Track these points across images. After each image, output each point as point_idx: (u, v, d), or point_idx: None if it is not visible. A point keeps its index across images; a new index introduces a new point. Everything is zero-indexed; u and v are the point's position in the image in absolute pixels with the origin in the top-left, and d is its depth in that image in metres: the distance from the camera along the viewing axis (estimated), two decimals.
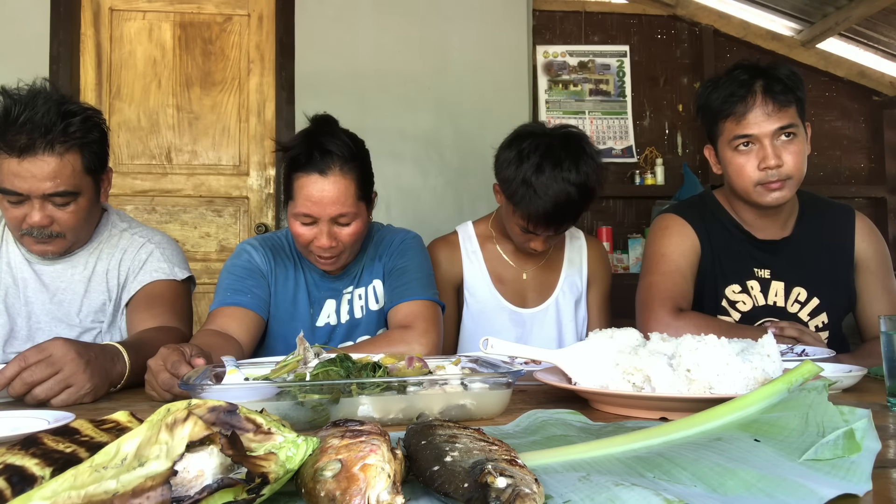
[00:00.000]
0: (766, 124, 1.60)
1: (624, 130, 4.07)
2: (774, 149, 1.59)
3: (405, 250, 1.73)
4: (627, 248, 3.90)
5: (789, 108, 1.61)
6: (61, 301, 1.63)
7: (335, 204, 1.54)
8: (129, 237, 1.70)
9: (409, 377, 0.97)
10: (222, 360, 1.08)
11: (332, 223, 1.56)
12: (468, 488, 0.52)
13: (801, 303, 1.72)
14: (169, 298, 1.64)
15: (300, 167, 1.56)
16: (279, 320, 1.68)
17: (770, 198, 1.63)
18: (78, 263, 1.65)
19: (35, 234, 1.52)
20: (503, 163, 1.77)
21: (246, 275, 1.65)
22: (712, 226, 1.78)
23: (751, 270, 1.74)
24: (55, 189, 1.47)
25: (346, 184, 1.55)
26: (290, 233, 1.76)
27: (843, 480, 0.59)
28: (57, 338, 1.17)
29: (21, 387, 1.10)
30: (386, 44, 3.54)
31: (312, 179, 1.54)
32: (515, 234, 1.85)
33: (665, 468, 0.61)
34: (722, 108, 1.65)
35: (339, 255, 1.62)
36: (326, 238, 1.56)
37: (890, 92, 4.26)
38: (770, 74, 1.62)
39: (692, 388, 0.96)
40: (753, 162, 1.62)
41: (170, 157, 3.46)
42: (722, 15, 4.14)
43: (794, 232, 1.75)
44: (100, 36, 3.41)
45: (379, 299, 1.73)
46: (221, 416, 0.54)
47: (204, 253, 3.45)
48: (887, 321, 1.02)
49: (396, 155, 3.50)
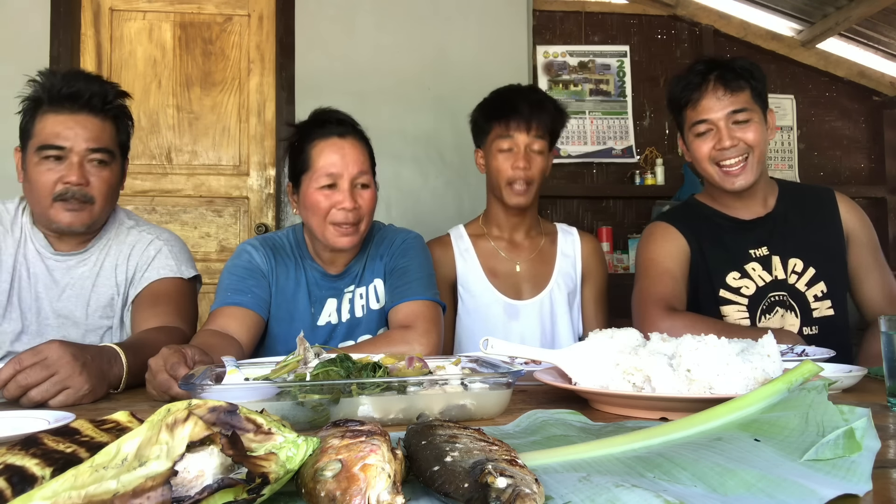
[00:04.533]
0: (719, 108, 1.71)
1: (624, 130, 4.07)
2: (729, 130, 1.71)
3: (407, 250, 1.73)
4: (627, 249, 3.90)
5: (741, 94, 1.72)
6: (69, 297, 1.63)
7: (356, 163, 1.60)
8: (136, 234, 1.71)
9: (410, 377, 0.97)
10: (222, 360, 1.08)
11: (353, 186, 1.59)
12: (468, 488, 0.52)
13: (798, 273, 1.77)
14: (174, 297, 1.64)
15: (317, 136, 1.62)
16: (279, 320, 1.68)
17: (734, 184, 1.73)
18: (88, 259, 1.65)
19: (69, 197, 1.54)
20: (471, 118, 2.03)
21: (246, 275, 1.65)
22: (699, 224, 1.84)
23: (746, 254, 1.79)
24: (97, 145, 1.56)
25: (362, 148, 1.64)
26: (292, 232, 1.77)
27: (843, 480, 0.59)
28: (53, 340, 1.17)
29: (16, 389, 1.10)
30: (386, 44, 3.54)
31: (332, 142, 1.60)
32: (499, 170, 1.92)
33: (665, 468, 0.61)
34: (681, 96, 1.78)
35: (357, 224, 1.62)
36: (350, 199, 1.57)
37: (890, 92, 4.26)
38: (723, 64, 1.76)
39: (692, 388, 0.96)
40: (710, 144, 1.73)
41: (170, 157, 3.46)
42: (722, 15, 4.14)
43: (777, 208, 1.82)
44: (100, 36, 3.41)
45: (380, 298, 1.73)
46: (222, 417, 0.54)
47: (204, 253, 3.45)
48: (887, 321, 1.02)
49: (396, 155, 3.50)
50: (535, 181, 1.93)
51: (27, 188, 1.59)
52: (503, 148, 1.91)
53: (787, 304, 1.75)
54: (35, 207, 1.60)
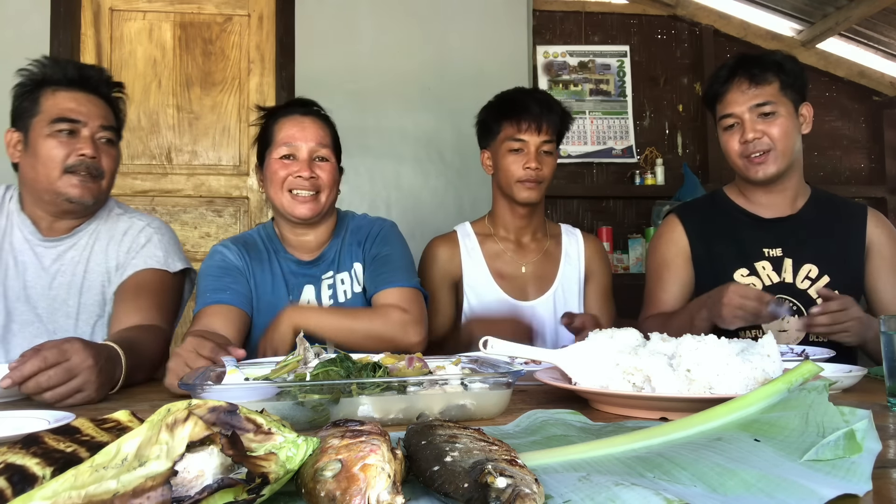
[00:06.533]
0: (743, 101, 1.73)
1: (624, 130, 4.07)
2: (753, 123, 1.72)
3: (386, 237, 1.76)
4: (627, 249, 3.89)
5: (766, 86, 1.72)
6: (61, 285, 1.62)
7: (315, 138, 1.68)
8: (128, 220, 1.71)
9: (409, 377, 0.97)
10: (222, 360, 1.08)
11: (311, 158, 1.67)
12: (468, 488, 0.52)
13: (811, 279, 1.77)
14: (157, 291, 1.63)
15: (281, 114, 1.72)
16: (262, 312, 1.68)
17: (757, 173, 1.74)
18: (77, 244, 1.64)
19: (82, 170, 1.56)
20: (478, 119, 2.04)
21: (222, 273, 1.66)
22: (715, 218, 1.87)
23: (759, 252, 1.79)
24: (107, 123, 1.62)
25: (322, 126, 1.72)
26: (262, 229, 1.80)
27: (844, 480, 0.59)
28: (75, 340, 1.16)
29: (34, 388, 1.10)
30: (386, 44, 3.54)
31: (293, 118, 1.70)
32: (509, 170, 1.92)
33: (665, 468, 0.61)
34: (710, 91, 1.82)
35: (317, 193, 1.67)
36: (307, 168, 1.65)
37: (890, 92, 4.25)
38: (751, 58, 1.76)
39: (692, 388, 0.96)
40: (736, 137, 1.75)
41: (170, 157, 3.46)
42: (722, 15, 4.14)
43: (804, 211, 1.82)
44: (100, 36, 3.41)
45: (360, 282, 1.74)
46: (222, 417, 0.54)
47: (204, 253, 3.44)
48: (887, 321, 1.02)
49: (396, 155, 3.50)
50: (546, 181, 1.94)
51: (29, 164, 1.58)
52: (513, 148, 1.91)
53: (792, 309, 1.75)
54: (41, 182, 1.57)
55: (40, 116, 1.57)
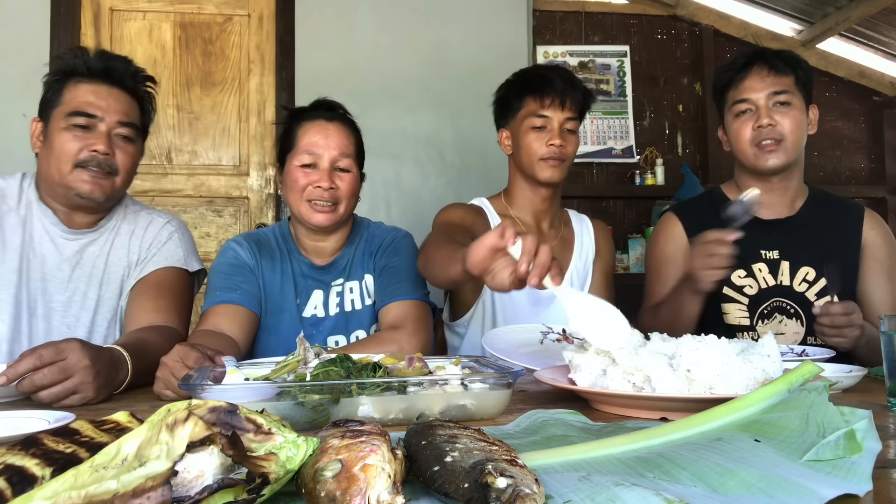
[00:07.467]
0: (761, 87, 1.73)
1: (624, 130, 4.07)
2: (768, 110, 1.72)
3: (398, 248, 1.74)
4: (627, 248, 3.90)
5: (785, 77, 1.74)
6: (80, 277, 1.60)
7: (337, 147, 1.65)
8: (147, 215, 1.70)
9: (410, 377, 0.97)
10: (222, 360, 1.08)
11: (333, 167, 1.65)
12: (468, 488, 0.52)
13: (808, 282, 1.76)
14: (176, 292, 1.63)
15: (306, 118, 1.68)
16: (268, 311, 1.68)
17: (767, 161, 1.74)
18: (98, 240, 1.63)
19: (94, 166, 1.53)
20: (497, 96, 1.96)
21: (233, 271, 1.66)
22: (712, 216, 1.82)
23: (757, 254, 1.79)
24: (126, 119, 1.58)
25: (347, 134, 1.68)
26: (277, 227, 1.79)
27: (844, 481, 0.59)
28: (74, 340, 1.15)
29: (29, 386, 1.09)
30: (386, 43, 3.54)
31: (317, 124, 1.67)
32: (531, 147, 1.83)
33: (665, 468, 0.61)
34: (724, 78, 1.82)
35: (335, 204, 1.65)
36: (327, 179, 1.63)
37: (890, 92, 4.26)
38: (771, 50, 1.79)
39: (692, 388, 0.96)
40: (749, 124, 1.75)
41: (170, 157, 3.46)
42: (722, 15, 4.14)
43: (802, 212, 1.82)
44: (100, 36, 3.41)
45: (371, 294, 1.73)
46: (222, 417, 0.54)
47: (204, 253, 3.43)
48: (887, 321, 1.02)
49: (396, 155, 3.50)
50: (569, 160, 1.86)
51: (45, 155, 1.57)
52: (536, 125, 1.83)
53: (789, 312, 1.75)
54: (53, 175, 1.55)
55: (60, 108, 1.55)
